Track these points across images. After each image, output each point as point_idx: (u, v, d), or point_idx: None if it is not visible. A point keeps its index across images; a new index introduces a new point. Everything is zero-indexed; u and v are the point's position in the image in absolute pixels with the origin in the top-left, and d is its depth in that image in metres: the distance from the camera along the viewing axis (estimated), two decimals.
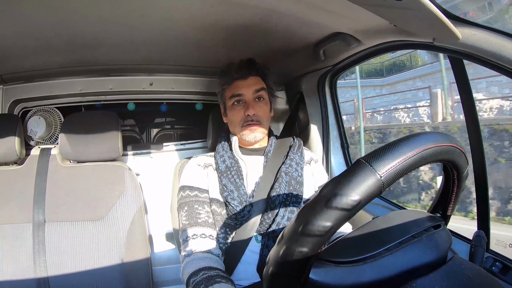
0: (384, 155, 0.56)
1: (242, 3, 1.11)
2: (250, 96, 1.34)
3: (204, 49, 1.56)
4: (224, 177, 1.31)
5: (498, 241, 1.12)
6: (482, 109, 10.48)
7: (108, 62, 1.68)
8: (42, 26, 1.22)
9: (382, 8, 0.96)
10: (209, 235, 1.25)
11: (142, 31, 1.33)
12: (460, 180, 0.73)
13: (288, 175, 1.33)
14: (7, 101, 1.79)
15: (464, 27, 0.94)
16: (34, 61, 1.57)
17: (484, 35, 0.91)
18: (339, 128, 1.82)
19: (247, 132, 1.33)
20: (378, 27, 1.13)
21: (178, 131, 3.71)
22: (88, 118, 1.65)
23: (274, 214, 1.26)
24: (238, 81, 1.36)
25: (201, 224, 1.26)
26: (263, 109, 1.36)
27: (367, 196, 0.54)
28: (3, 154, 1.53)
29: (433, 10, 0.85)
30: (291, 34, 1.37)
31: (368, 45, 1.31)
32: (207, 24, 1.27)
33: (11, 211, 1.49)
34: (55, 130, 1.85)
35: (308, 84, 1.79)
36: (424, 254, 0.67)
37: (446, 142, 0.62)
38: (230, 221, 1.27)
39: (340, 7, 1.05)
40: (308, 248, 0.55)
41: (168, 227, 1.64)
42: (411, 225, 0.72)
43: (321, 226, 0.54)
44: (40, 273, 1.44)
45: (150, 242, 1.74)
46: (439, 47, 1.05)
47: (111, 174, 1.61)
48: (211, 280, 1.03)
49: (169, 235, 1.88)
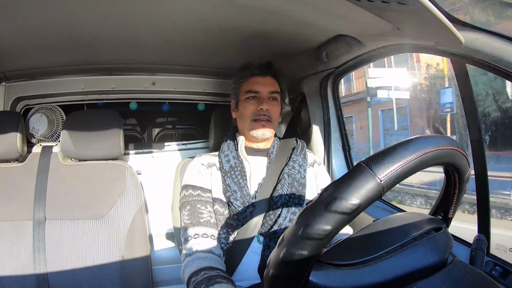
0: (384, 159, 0.56)
1: (245, 5, 1.11)
2: (265, 94, 1.36)
3: (207, 50, 1.56)
4: (228, 177, 1.31)
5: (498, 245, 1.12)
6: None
7: (111, 61, 1.69)
8: (45, 24, 1.22)
9: (386, 11, 0.96)
10: (211, 235, 1.24)
11: (145, 31, 1.33)
12: (461, 183, 0.73)
13: (291, 177, 1.33)
14: (10, 98, 1.80)
15: (467, 31, 0.94)
16: (36, 59, 1.57)
17: (487, 39, 0.92)
18: (340, 130, 1.81)
19: (257, 127, 1.35)
20: (381, 30, 1.13)
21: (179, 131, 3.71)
22: (90, 116, 1.65)
23: (276, 215, 1.26)
24: (257, 77, 1.39)
25: (203, 223, 1.26)
26: (276, 108, 1.38)
27: (367, 200, 0.54)
28: (4, 151, 1.54)
29: (436, 14, 0.85)
30: (294, 36, 1.37)
31: (370, 48, 1.32)
32: (210, 25, 1.28)
33: (11, 208, 1.49)
34: (57, 128, 1.85)
35: (310, 86, 1.79)
36: (425, 257, 0.66)
37: (447, 145, 0.62)
38: (232, 221, 1.27)
39: (344, 10, 1.05)
40: (308, 251, 0.55)
41: (169, 226, 1.64)
42: (412, 227, 0.72)
43: (320, 230, 0.54)
44: (40, 270, 1.44)
45: (150, 241, 1.74)
46: (442, 51, 1.05)
47: (112, 172, 1.61)
48: (212, 280, 1.03)
49: (170, 234, 1.88)
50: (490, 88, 9.07)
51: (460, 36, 0.93)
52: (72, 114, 1.65)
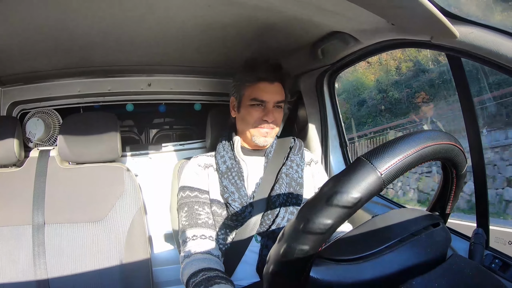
0: (385, 153, 0.56)
1: (240, 3, 1.11)
2: (272, 103, 1.32)
3: (203, 49, 1.56)
4: (225, 178, 1.30)
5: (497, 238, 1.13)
6: None
7: (106, 63, 1.68)
8: (40, 28, 1.22)
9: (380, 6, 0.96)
10: (209, 236, 1.24)
11: (140, 32, 1.33)
12: (458, 179, 0.73)
13: (289, 177, 1.33)
14: (6, 103, 1.79)
15: (461, 25, 0.94)
16: (32, 63, 1.57)
17: (481, 33, 0.92)
18: (337, 127, 1.81)
19: (259, 134, 1.32)
20: (375, 25, 1.13)
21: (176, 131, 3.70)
22: (86, 119, 1.65)
23: (274, 215, 1.26)
24: (264, 84, 1.32)
25: (201, 225, 1.25)
26: (280, 115, 1.35)
27: (367, 193, 0.54)
28: (2, 156, 1.53)
29: (430, 8, 0.85)
30: (289, 33, 1.37)
31: (366, 44, 1.31)
32: (206, 24, 1.27)
33: (10, 213, 1.49)
34: (54, 132, 1.85)
35: (306, 83, 1.79)
36: (424, 252, 0.67)
37: (445, 140, 0.63)
38: (230, 222, 1.27)
39: (338, 6, 1.05)
40: (309, 246, 0.55)
41: (168, 227, 1.64)
42: (411, 223, 0.72)
43: (322, 224, 0.54)
44: (40, 275, 1.43)
45: (149, 243, 1.74)
46: (437, 45, 1.05)
47: (110, 175, 1.60)
48: (211, 281, 1.03)
49: (169, 235, 1.89)
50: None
51: (454, 30, 0.93)
52: (69, 117, 1.65)
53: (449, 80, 11.08)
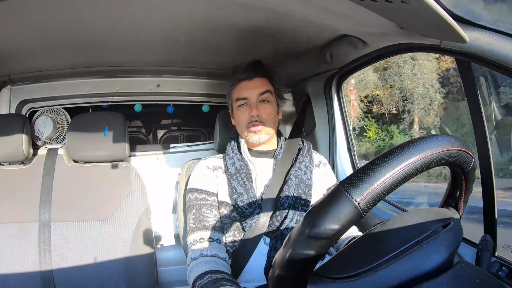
0: (362, 180, 0.55)
1: (249, 5, 1.11)
2: (254, 98, 1.33)
3: (211, 51, 1.56)
4: (234, 180, 1.30)
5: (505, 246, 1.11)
6: None
7: (115, 64, 1.70)
8: (50, 27, 1.23)
9: (389, 10, 0.95)
10: (216, 239, 1.25)
11: (149, 33, 1.34)
12: (467, 174, 0.71)
13: (298, 178, 1.33)
14: (15, 101, 1.81)
15: (471, 30, 0.93)
16: (41, 62, 1.58)
17: (491, 38, 0.90)
18: (345, 131, 1.81)
19: (251, 133, 1.33)
20: (384, 29, 1.12)
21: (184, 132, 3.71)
22: (95, 118, 1.66)
23: (283, 216, 1.26)
24: (244, 82, 1.35)
25: (208, 227, 1.26)
26: (267, 110, 1.34)
27: (346, 223, 0.54)
28: (10, 153, 1.55)
29: (440, 12, 0.84)
30: (298, 36, 1.37)
31: (374, 48, 1.31)
32: (214, 26, 1.27)
33: (17, 210, 1.50)
34: (62, 131, 1.86)
35: (315, 86, 1.79)
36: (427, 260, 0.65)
37: (431, 150, 0.58)
38: (239, 224, 1.27)
39: (347, 9, 1.05)
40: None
41: (174, 228, 1.64)
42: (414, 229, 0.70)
43: (304, 255, 0.55)
44: (46, 272, 1.45)
45: (155, 243, 1.75)
46: (446, 50, 1.04)
47: (117, 175, 1.61)
48: (217, 283, 1.03)
49: (175, 236, 1.89)
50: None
51: (464, 35, 0.92)
52: (77, 116, 1.66)
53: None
